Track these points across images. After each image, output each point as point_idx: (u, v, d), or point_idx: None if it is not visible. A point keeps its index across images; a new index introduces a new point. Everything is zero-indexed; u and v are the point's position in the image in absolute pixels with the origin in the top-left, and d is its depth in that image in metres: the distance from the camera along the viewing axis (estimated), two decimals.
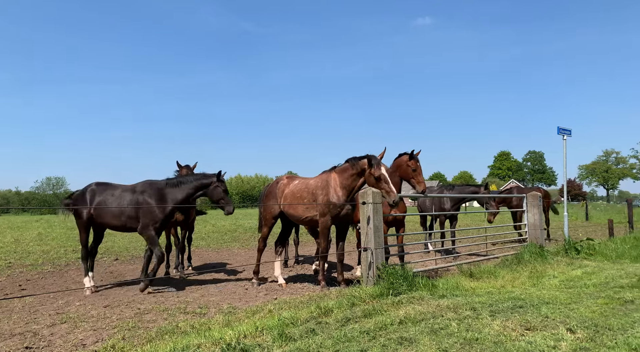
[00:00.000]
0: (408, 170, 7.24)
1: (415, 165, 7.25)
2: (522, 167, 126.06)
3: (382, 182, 6.20)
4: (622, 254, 9.55)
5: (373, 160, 6.26)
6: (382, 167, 6.24)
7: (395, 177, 7.37)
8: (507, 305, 5.23)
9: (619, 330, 4.18)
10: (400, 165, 7.34)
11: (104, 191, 7.30)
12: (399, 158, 7.49)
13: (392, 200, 6.04)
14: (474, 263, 8.62)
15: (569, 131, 11.25)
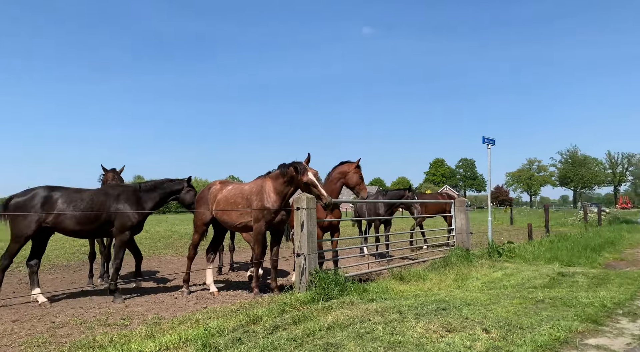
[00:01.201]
0: (355, 178, 7.62)
1: (360, 173, 7.70)
2: (455, 173, 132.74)
3: (311, 187, 6.27)
4: (538, 256, 10.30)
5: (299, 167, 6.33)
6: (310, 172, 6.29)
7: (339, 183, 7.63)
8: (432, 307, 5.44)
9: (528, 328, 4.48)
10: (347, 173, 7.64)
11: (66, 195, 6.72)
12: (343, 165, 7.78)
13: (325, 202, 6.12)
14: (405, 266, 8.92)
15: (493, 141, 12.01)
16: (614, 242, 13.46)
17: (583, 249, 11.22)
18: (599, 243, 12.57)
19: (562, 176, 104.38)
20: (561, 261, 9.69)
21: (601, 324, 4.73)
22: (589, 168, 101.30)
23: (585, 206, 28.60)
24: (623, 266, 9.51)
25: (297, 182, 6.43)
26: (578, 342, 4.11)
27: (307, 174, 6.27)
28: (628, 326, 4.66)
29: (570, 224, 25.09)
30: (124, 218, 6.85)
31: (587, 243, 12.28)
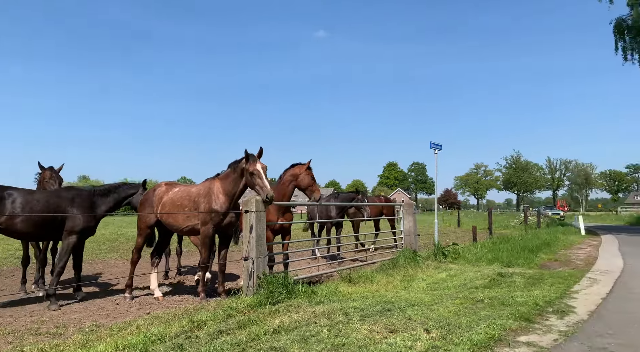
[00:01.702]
0: (307, 179, 7.59)
1: (312, 174, 7.68)
2: (407, 177, 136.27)
3: (256, 177, 6.18)
4: (481, 257, 10.75)
5: (250, 156, 6.28)
6: (259, 164, 6.24)
7: (291, 186, 7.61)
8: (377, 309, 5.55)
9: (467, 328, 4.67)
10: (299, 175, 7.62)
11: (20, 197, 6.38)
12: (294, 168, 7.77)
13: (266, 195, 6.06)
14: (355, 268, 9.05)
15: (440, 146, 12.45)
16: (550, 243, 14.29)
17: (522, 251, 11.82)
18: (536, 245, 13.29)
19: (506, 180, 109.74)
20: (501, 261, 10.16)
21: (533, 321, 5.01)
22: (530, 173, 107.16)
23: (526, 209, 30.17)
24: (556, 266, 10.10)
25: (245, 174, 6.33)
26: (511, 340, 4.33)
27: (256, 163, 6.22)
28: (556, 323, 4.97)
29: (512, 227, 26.38)
30: (76, 221, 6.71)
31: (525, 245, 12.95)
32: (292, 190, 7.83)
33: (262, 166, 6.25)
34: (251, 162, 6.24)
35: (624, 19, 18.48)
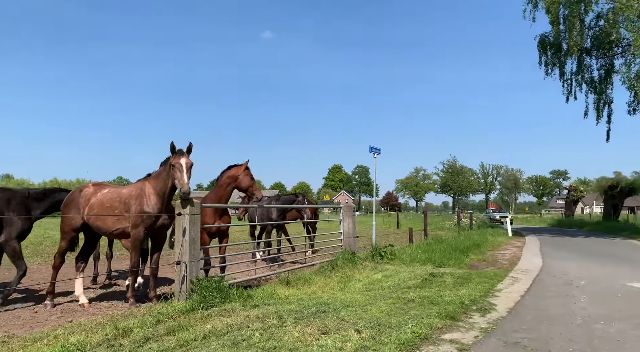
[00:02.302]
0: (246, 180, 7.52)
1: (251, 174, 7.62)
2: (351, 179, 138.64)
3: (176, 170, 6.03)
4: (415, 258, 11.16)
5: (178, 151, 6.14)
6: (183, 158, 6.09)
7: (229, 188, 7.51)
8: (312, 311, 5.59)
9: (396, 327, 4.83)
10: (237, 176, 7.53)
11: None
12: (231, 169, 7.67)
13: (183, 190, 5.92)
14: (294, 271, 9.07)
15: (379, 150, 12.81)
16: (480, 245, 15.11)
17: (453, 251, 12.41)
18: (467, 246, 14.00)
19: (443, 183, 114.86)
20: (434, 262, 10.61)
21: (458, 320, 5.28)
22: (465, 177, 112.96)
23: (459, 211, 31.73)
24: (484, 266, 10.70)
25: (170, 168, 6.16)
26: (436, 338, 4.54)
27: (181, 158, 6.07)
28: (478, 321, 5.27)
29: (447, 228, 27.63)
30: (14, 224, 6.64)
31: (457, 246, 13.60)
32: (231, 192, 7.73)
33: (186, 161, 6.09)
34: (176, 156, 6.09)
35: (547, 35, 20.06)
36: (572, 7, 16.58)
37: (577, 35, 17.05)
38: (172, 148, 6.15)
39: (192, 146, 6.25)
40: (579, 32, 17.08)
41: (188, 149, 6.24)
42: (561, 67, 20.57)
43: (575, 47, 17.42)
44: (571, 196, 41.96)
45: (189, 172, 6.07)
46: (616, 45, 18.46)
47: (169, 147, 6.17)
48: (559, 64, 20.46)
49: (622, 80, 15.62)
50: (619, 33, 15.42)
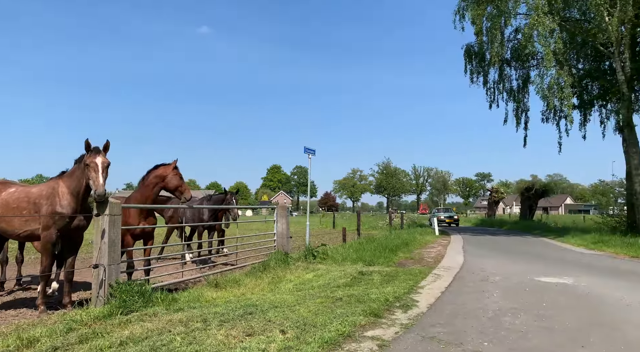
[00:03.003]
0: (175, 180, 7.28)
1: (180, 174, 7.39)
2: (290, 180, 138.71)
3: (91, 170, 5.62)
4: (347, 257, 11.38)
5: (94, 149, 5.75)
6: (99, 157, 5.71)
7: (156, 188, 7.24)
8: (239, 313, 5.51)
9: (321, 326, 4.89)
10: (165, 176, 7.26)
11: None
12: (158, 169, 7.40)
13: (97, 192, 5.55)
14: (224, 273, 8.89)
15: (314, 151, 12.93)
16: (408, 243, 15.74)
17: (383, 250, 12.80)
18: (396, 244, 14.52)
19: (378, 184, 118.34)
20: (364, 261, 10.87)
21: (381, 316, 5.45)
22: (398, 179, 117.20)
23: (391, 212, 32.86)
24: (411, 263, 11.15)
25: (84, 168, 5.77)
26: (358, 335, 4.65)
27: (96, 156, 5.68)
28: (400, 317, 5.48)
29: (380, 228, 28.50)
30: None
31: (387, 245, 14.05)
32: (158, 192, 7.45)
33: (102, 161, 5.69)
34: (91, 154, 5.70)
35: (472, 45, 21.40)
36: (494, 20, 17.80)
37: (499, 47, 18.35)
38: (87, 146, 5.73)
39: (110, 144, 5.89)
40: (500, 43, 18.38)
41: (105, 147, 5.86)
42: (485, 76, 22.05)
43: (497, 57, 18.74)
44: (493, 197, 44.97)
45: (106, 172, 5.68)
46: (532, 58, 20.11)
47: (84, 145, 5.77)
48: (483, 73, 21.92)
49: (536, 90, 17.01)
50: (533, 46, 16.76)
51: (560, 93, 16.21)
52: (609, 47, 16.56)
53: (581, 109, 20.55)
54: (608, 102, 19.66)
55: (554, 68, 16.47)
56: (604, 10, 15.36)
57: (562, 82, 16.25)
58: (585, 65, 19.99)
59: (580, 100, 20.17)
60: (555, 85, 16.30)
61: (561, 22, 17.37)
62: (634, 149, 16.61)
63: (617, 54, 16.15)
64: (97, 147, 5.81)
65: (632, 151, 16.63)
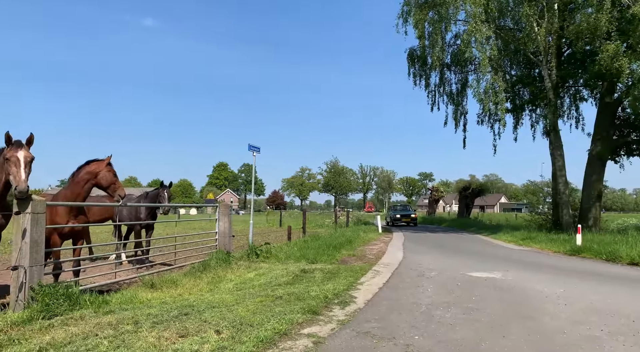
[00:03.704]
0: (108, 177, 7.00)
1: (113, 170, 7.12)
2: (237, 177, 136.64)
3: (11, 164, 5.24)
4: (290, 255, 11.38)
5: (15, 142, 5.35)
6: (21, 151, 5.32)
7: (88, 185, 6.91)
8: (174, 314, 5.35)
9: (258, 325, 4.86)
10: (98, 172, 6.93)
11: None
12: (91, 165, 7.03)
13: (19, 188, 5.17)
14: (161, 273, 8.60)
15: (258, 148, 12.82)
16: (352, 241, 16.01)
17: (327, 248, 12.93)
18: (340, 242, 14.73)
19: (325, 183, 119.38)
20: (308, 259, 10.93)
21: (318, 313, 5.50)
22: (346, 177, 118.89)
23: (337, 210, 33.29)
24: (353, 261, 11.36)
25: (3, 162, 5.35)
26: (294, 333, 4.66)
27: (18, 150, 5.28)
28: (338, 313, 5.56)
29: (326, 226, 28.77)
30: None
31: (331, 242, 14.21)
32: (89, 189, 7.08)
33: (25, 155, 5.30)
34: (12, 148, 5.30)
35: (415, 49, 22.15)
36: (435, 25, 18.53)
37: (439, 51, 19.13)
38: (8, 139, 5.31)
39: (34, 138, 5.50)
40: (440, 48, 19.18)
41: (28, 140, 5.46)
42: (427, 79, 22.89)
43: (438, 61, 19.52)
44: (433, 195, 46.85)
45: (29, 168, 5.30)
46: (470, 63, 21.13)
47: (4, 138, 5.34)
48: (425, 76, 22.75)
49: (473, 94, 17.93)
50: (471, 52, 17.63)
51: (495, 97, 17.17)
52: (538, 55, 17.75)
53: (514, 113, 21.89)
54: (537, 107, 21.07)
55: (490, 73, 17.42)
56: (534, 21, 16.44)
57: (496, 87, 17.21)
58: (517, 72, 21.30)
59: (513, 104, 21.49)
60: (491, 89, 17.24)
61: (496, 30, 18.39)
62: (559, 152, 17.93)
63: (545, 62, 17.35)
64: (19, 140, 5.41)
65: (557, 154, 17.94)
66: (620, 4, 14.07)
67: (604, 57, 13.87)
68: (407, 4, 19.96)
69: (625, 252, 10.80)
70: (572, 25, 15.10)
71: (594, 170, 18.35)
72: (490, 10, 17.23)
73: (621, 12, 14.43)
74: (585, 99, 21.19)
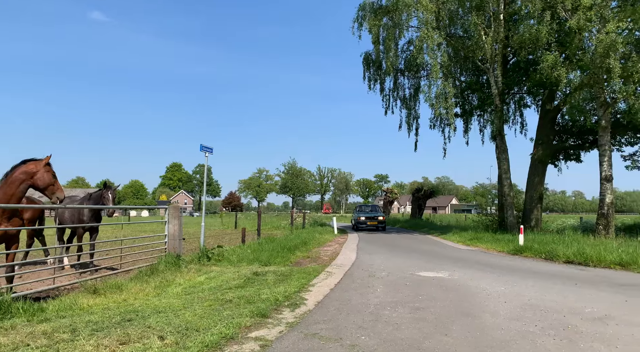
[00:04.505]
0: (46, 177, 6.66)
1: (52, 171, 6.80)
2: (192, 178, 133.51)
3: None
4: (243, 258, 11.23)
5: None
6: None
7: (23, 185, 6.56)
8: (116, 320, 5.16)
9: (204, 330, 4.77)
10: (35, 173, 6.58)
11: None
12: (28, 164, 6.65)
13: None
14: (105, 278, 8.24)
15: (211, 149, 12.57)
16: (307, 242, 16.02)
17: (282, 250, 12.87)
18: (295, 244, 14.69)
19: (283, 184, 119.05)
20: (261, 261, 10.83)
21: (268, 316, 5.47)
22: (303, 179, 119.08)
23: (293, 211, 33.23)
24: (307, 262, 11.37)
25: None
26: (241, 337, 4.61)
27: None
28: (287, 316, 5.55)
29: (283, 227, 28.65)
30: None
31: (287, 244, 14.16)
32: (24, 190, 6.68)
33: None
34: None
35: (370, 53, 22.57)
36: (389, 30, 18.98)
37: (393, 57, 19.58)
38: None
39: None
40: (394, 53, 19.65)
41: None
42: (381, 84, 23.36)
43: (392, 67, 19.97)
44: (387, 197, 47.80)
45: None
46: (422, 69, 21.82)
47: None
48: (380, 81, 23.21)
49: (425, 99, 18.48)
50: (423, 58, 18.17)
51: (445, 102, 17.78)
52: (485, 63, 18.55)
53: (463, 118, 22.76)
54: (485, 112, 22.03)
55: (441, 79, 18.01)
56: (481, 30, 17.18)
57: (447, 92, 17.82)
58: (467, 78, 22.17)
59: (462, 109, 22.35)
60: (442, 95, 17.83)
61: (447, 38, 19.06)
62: (504, 156, 18.81)
63: (492, 70, 18.17)
64: None
65: (502, 157, 18.81)
66: (559, 18, 14.97)
67: (544, 66, 14.69)
68: (363, 9, 20.29)
69: (562, 252, 11.48)
70: (516, 35, 15.88)
71: (536, 173, 19.40)
72: (442, 18, 17.84)
73: (560, 25, 15.36)
74: (528, 105, 22.39)
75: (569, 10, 14.44)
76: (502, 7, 17.33)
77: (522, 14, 15.64)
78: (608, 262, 10.15)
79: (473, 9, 17.00)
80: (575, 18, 13.74)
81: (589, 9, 13.54)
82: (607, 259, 10.22)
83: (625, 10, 13.62)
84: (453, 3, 17.28)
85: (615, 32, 13.03)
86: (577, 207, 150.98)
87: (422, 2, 16.91)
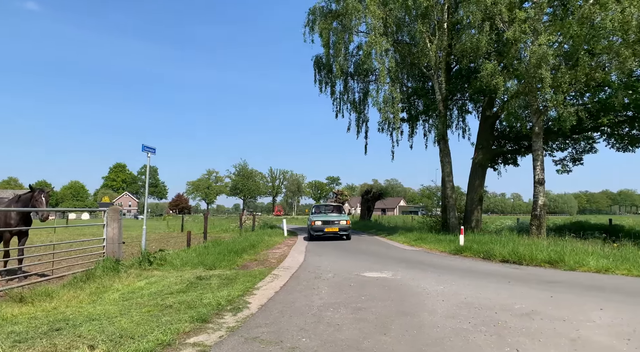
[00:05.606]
0: None
1: None
2: (137, 180, 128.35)
3: None
4: (187, 262, 10.91)
5: None
6: None
7: None
8: (43, 330, 4.87)
9: (139, 337, 4.58)
10: None
11: None
12: None
13: None
14: (35, 284, 7.73)
15: (154, 149, 12.16)
16: (256, 245, 15.85)
17: (228, 253, 12.63)
18: (243, 246, 14.49)
19: (233, 186, 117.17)
20: (205, 265, 10.58)
21: (208, 321, 5.35)
22: (254, 180, 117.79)
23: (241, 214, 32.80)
24: (254, 265, 11.23)
25: None
26: (179, 343, 4.48)
27: None
28: (228, 320, 5.45)
29: (232, 230, 28.19)
30: None
31: (234, 247, 13.92)
32: None
33: None
34: None
35: (321, 57, 22.74)
36: (339, 35, 19.24)
37: (343, 60, 19.87)
38: None
39: None
40: (344, 57, 19.94)
41: None
42: (332, 87, 23.61)
43: (341, 70, 20.24)
44: (338, 199, 48.31)
45: None
46: (371, 73, 22.24)
47: None
48: (330, 84, 23.45)
49: (373, 103, 18.90)
50: (371, 63, 18.61)
51: (393, 107, 18.25)
52: (430, 69, 19.25)
53: (409, 122, 23.48)
54: (430, 117, 22.83)
55: (388, 84, 18.48)
56: (427, 38, 17.82)
57: (394, 97, 18.30)
58: (413, 84, 22.89)
59: (409, 114, 23.05)
60: (389, 99, 18.28)
61: (395, 44, 19.59)
62: (447, 159, 19.59)
63: (436, 76, 18.90)
64: None
65: (445, 161, 19.58)
66: (497, 29, 15.82)
67: (484, 74, 15.46)
68: (313, 13, 20.44)
69: (499, 251, 12.10)
70: (459, 44, 16.60)
71: (476, 176, 20.36)
72: (389, 25, 18.30)
73: (498, 36, 16.23)
74: (470, 111, 23.47)
75: (506, 22, 15.29)
76: (446, 16, 18.07)
77: (464, 23, 16.37)
78: (539, 260, 10.81)
79: (419, 16, 17.58)
80: (511, 30, 14.57)
81: (523, 22, 14.40)
82: (538, 258, 10.88)
83: (555, 24, 14.62)
84: (400, 10, 17.77)
85: (546, 44, 13.94)
86: (516, 208, 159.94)
87: (370, 8, 17.27)
